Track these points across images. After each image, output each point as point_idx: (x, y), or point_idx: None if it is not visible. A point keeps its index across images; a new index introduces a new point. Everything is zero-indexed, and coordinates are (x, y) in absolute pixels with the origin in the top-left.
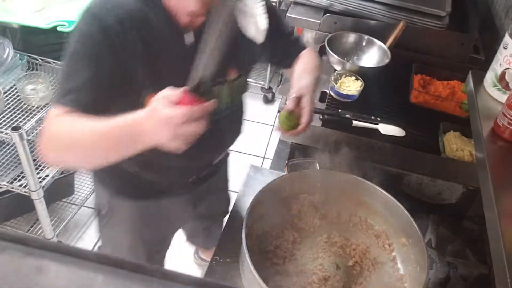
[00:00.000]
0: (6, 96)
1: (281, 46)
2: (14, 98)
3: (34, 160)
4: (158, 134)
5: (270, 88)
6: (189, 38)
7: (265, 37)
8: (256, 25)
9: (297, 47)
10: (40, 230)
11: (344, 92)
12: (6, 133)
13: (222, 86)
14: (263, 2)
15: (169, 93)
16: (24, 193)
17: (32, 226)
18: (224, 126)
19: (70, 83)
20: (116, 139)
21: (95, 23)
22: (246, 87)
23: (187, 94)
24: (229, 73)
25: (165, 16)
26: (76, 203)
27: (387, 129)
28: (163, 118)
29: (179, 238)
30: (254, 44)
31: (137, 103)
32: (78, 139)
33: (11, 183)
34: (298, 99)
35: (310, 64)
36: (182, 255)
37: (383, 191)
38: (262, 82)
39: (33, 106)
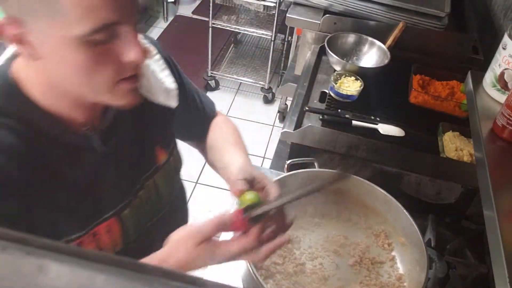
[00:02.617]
0: None
1: (189, 111)
2: None
3: None
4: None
5: (270, 88)
6: (97, 143)
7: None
8: (164, 87)
9: (207, 110)
10: None
11: (344, 92)
12: None
13: (158, 176)
14: (159, 54)
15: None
16: None
17: None
18: (168, 222)
19: None
20: None
21: None
22: (180, 165)
23: (239, 219)
24: (158, 157)
25: (58, 127)
26: None
27: (387, 129)
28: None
29: None
30: (169, 113)
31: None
32: None
33: None
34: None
35: (233, 136)
36: None
37: (382, 190)
38: (262, 82)
39: None
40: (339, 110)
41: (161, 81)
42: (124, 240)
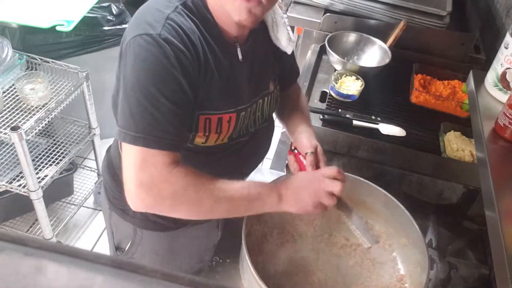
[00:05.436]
0: (5, 95)
1: (288, 62)
2: (13, 98)
3: (33, 160)
4: (305, 204)
5: None
6: (239, 53)
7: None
8: (288, 35)
9: (295, 68)
10: (39, 230)
11: (345, 92)
12: (5, 133)
13: (267, 98)
14: (285, 14)
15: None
16: (23, 193)
17: (31, 226)
18: (261, 138)
19: (150, 121)
20: (253, 209)
21: (160, 48)
22: (276, 102)
23: None
24: (269, 86)
25: (219, 33)
26: (75, 203)
27: (388, 129)
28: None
29: None
30: (281, 57)
31: (190, 125)
32: (212, 204)
33: (10, 183)
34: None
35: (307, 114)
36: None
37: (383, 191)
38: None
39: (32, 106)
40: (339, 110)
41: (287, 30)
42: (231, 135)
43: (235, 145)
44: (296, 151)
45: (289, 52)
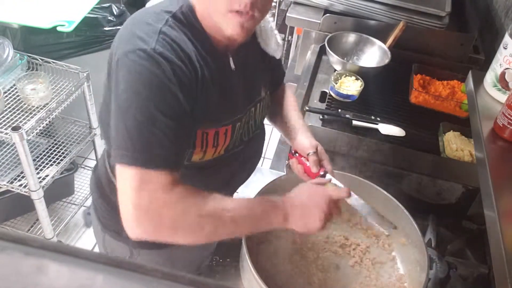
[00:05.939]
0: (6, 96)
1: (276, 65)
2: (14, 98)
3: (33, 160)
4: (310, 225)
5: None
6: (232, 63)
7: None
8: (275, 40)
9: (281, 69)
10: (40, 230)
11: (344, 92)
12: (6, 133)
13: (259, 105)
14: (272, 18)
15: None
16: (24, 193)
17: (32, 226)
18: (255, 145)
19: (148, 138)
20: (258, 228)
21: (155, 63)
22: (268, 107)
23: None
24: (261, 92)
25: (210, 44)
26: (76, 203)
27: (387, 129)
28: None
29: None
30: (270, 62)
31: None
32: (214, 228)
33: (11, 183)
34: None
35: (298, 112)
36: None
37: (383, 191)
38: None
39: (33, 106)
40: (339, 110)
41: (275, 35)
42: (227, 147)
43: (231, 156)
44: (297, 154)
45: (277, 56)
